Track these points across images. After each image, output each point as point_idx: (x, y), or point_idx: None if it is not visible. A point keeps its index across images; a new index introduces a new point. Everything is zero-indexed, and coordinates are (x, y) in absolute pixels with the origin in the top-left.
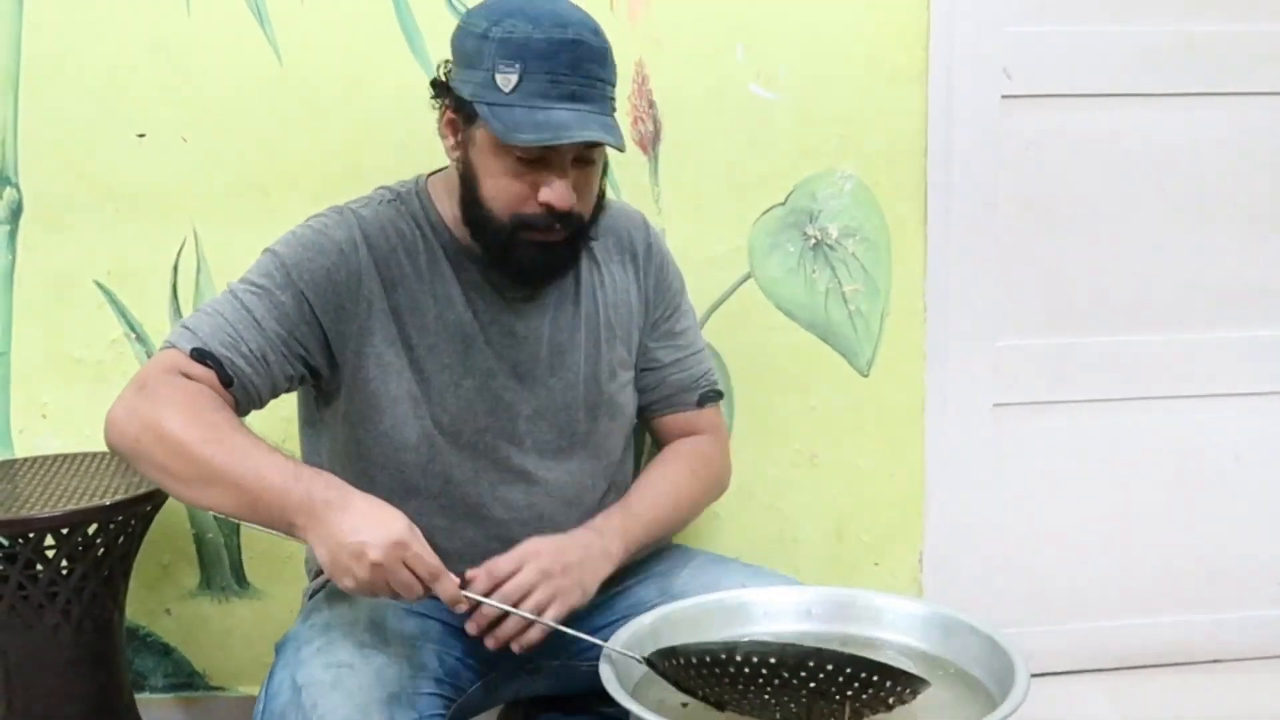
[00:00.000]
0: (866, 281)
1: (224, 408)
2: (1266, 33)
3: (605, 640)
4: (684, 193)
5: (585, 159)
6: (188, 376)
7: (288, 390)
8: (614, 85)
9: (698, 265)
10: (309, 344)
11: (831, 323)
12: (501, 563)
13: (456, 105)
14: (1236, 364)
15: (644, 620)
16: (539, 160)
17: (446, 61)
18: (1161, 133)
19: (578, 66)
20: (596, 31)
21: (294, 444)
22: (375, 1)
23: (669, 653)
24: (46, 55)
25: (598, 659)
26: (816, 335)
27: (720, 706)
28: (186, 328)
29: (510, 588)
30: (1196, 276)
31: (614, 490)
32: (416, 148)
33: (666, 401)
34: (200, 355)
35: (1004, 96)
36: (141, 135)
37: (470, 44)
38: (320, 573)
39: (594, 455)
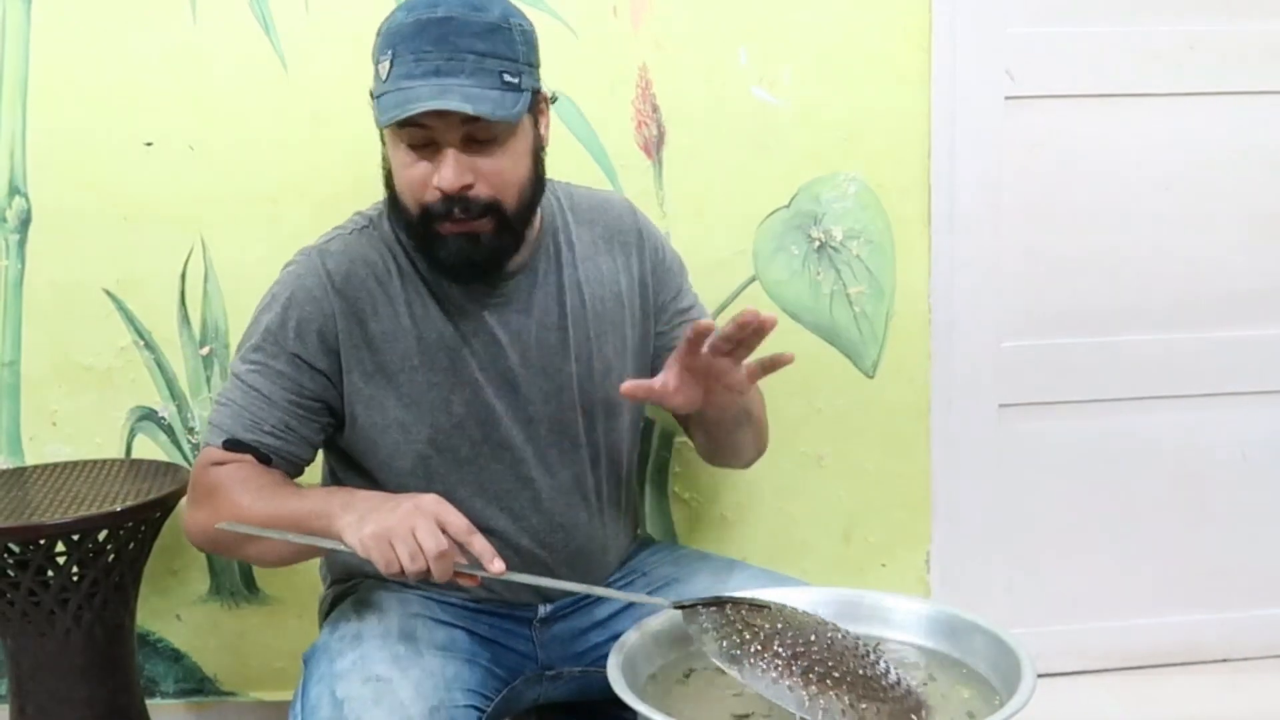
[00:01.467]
0: (871, 283)
1: (266, 472)
2: (1268, 31)
3: (611, 641)
4: (688, 197)
5: (478, 138)
6: (226, 465)
7: (329, 436)
8: (502, 57)
9: (702, 269)
10: (322, 395)
11: (836, 325)
12: None
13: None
14: (1243, 362)
15: (652, 621)
16: (429, 145)
17: None
18: (1165, 132)
19: (444, 41)
20: (479, 7)
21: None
22: (380, 9)
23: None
24: (54, 66)
25: None
26: (821, 337)
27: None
28: (214, 424)
29: None
30: (1201, 275)
31: (622, 490)
32: None
33: None
34: (233, 446)
35: (1007, 98)
36: (149, 144)
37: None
38: (335, 581)
39: (596, 457)
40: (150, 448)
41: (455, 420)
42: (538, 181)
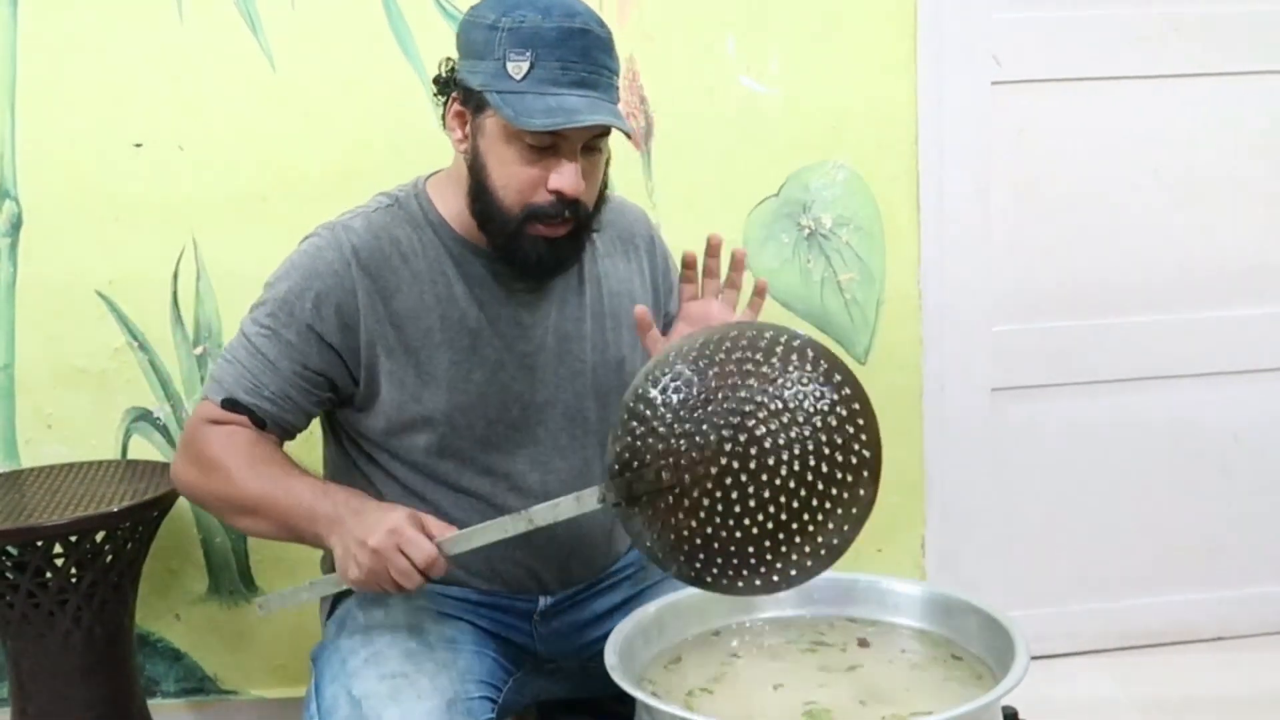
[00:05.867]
0: (861, 270)
1: (259, 441)
2: (1251, 12)
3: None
4: (678, 187)
5: (592, 147)
6: (222, 425)
7: (325, 409)
8: (618, 75)
9: None
10: (327, 370)
11: (828, 311)
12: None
13: (464, 97)
14: (1233, 342)
15: (649, 609)
16: (549, 148)
17: (448, 59)
18: (1151, 114)
19: (587, 54)
20: (601, 23)
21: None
22: (366, 5)
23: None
24: (42, 68)
25: None
26: (813, 324)
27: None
28: (216, 379)
29: None
30: (1190, 256)
31: None
32: (411, 149)
33: None
34: (231, 405)
35: (993, 83)
36: (139, 145)
37: (479, 35)
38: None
39: (603, 445)
40: (146, 448)
41: (473, 399)
42: (605, 186)
